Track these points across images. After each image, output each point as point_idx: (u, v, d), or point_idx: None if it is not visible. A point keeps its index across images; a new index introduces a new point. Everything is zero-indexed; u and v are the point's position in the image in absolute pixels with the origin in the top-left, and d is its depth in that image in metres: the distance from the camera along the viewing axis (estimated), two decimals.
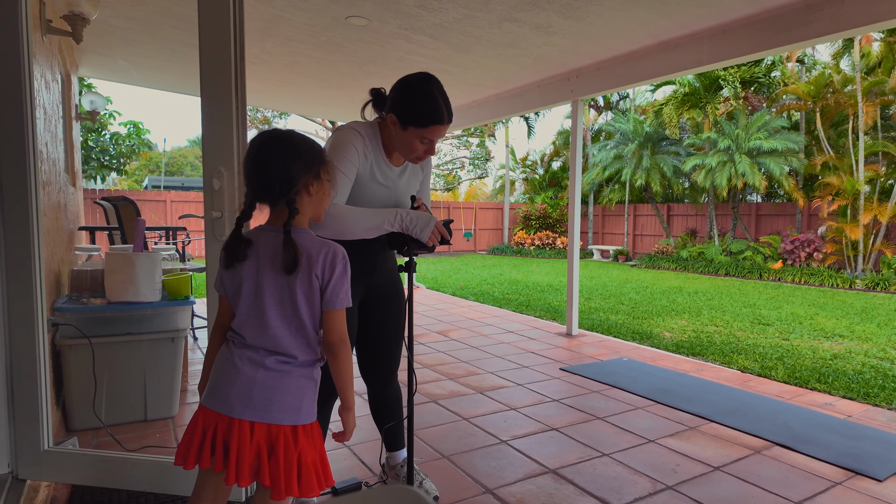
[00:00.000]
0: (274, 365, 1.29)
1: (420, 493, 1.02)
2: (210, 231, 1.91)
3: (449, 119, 1.77)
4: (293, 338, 1.30)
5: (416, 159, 1.85)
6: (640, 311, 7.07)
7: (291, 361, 1.30)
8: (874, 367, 4.43)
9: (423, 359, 4.33)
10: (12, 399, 1.93)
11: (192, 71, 5.49)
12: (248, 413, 1.25)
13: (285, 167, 1.28)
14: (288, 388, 1.28)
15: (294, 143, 1.31)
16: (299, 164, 1.30)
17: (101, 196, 9.78)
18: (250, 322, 1.31)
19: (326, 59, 5.00)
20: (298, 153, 1.30)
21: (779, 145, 12.83)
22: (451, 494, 2.22)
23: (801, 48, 6.83)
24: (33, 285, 1.92)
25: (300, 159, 1.30)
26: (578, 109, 5.35)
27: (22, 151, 1.89)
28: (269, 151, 1.28)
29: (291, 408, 1.28)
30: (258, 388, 1.26)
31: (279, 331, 1.30)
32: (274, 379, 1.28)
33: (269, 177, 1.28)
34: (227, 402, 1.26)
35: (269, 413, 1.26)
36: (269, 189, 1.28)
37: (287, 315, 1.30)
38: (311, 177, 1.32)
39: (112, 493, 2.10)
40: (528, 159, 23.51)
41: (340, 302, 1.30)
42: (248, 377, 1.27)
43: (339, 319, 1.31)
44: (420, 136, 1.76)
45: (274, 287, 1.30)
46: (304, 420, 1.30)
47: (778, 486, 2.35)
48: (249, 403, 1.26)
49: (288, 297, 1.30)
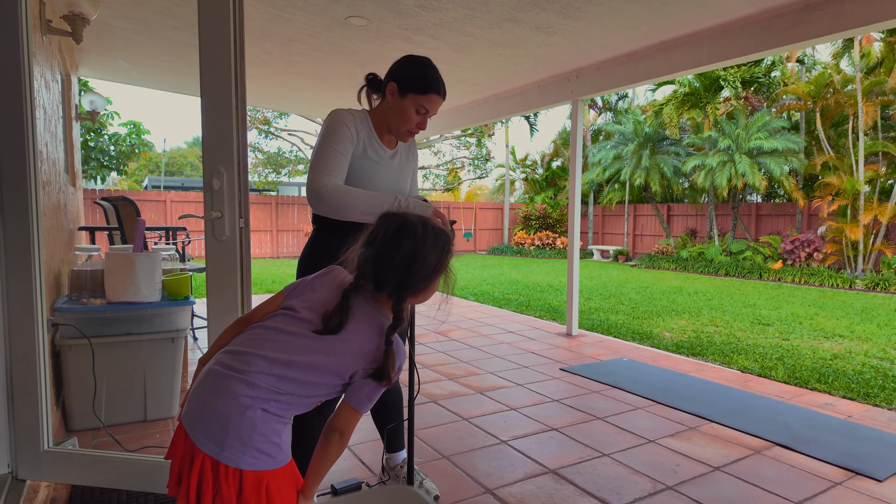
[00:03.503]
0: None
1: (420, 493, 1.02)
2: (210, 231, 1.91)
3: (444, 95, 1.88)
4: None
5: (407, 133, 1.91)
6: (640, 312, 7.07)
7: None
8: (874, 368, 4.43)
9: (423, 359, 4.32)
10: (12, 399, 1.93)
11: (192, 71, 5.49)
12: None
13: (416, 274, 1.18)
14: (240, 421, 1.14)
15: (427, 253, 1.20)
16: (425, 272, 1.20)
17: (101, 196, 9.79)
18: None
19: (326, 59, 5.00)
20: (428, 265, 1.20)
21: (779, 145, 12.83)
22: (452, 494, 2.22)
23: (801, 48, 6.83)
24: (33, 285, 1.92)
25: (430, 270, 1.20)
26: (578, 109, 5.34)
27: (22, 151, 1.88)
28: (416, 251, 1.18)
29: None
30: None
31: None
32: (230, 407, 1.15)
33: (385, 274, 1.18)
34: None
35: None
36: (386, 285, 1.19)
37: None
38: (427, 289, 1.23)
39: (112, 493, 2.10)
40: (528, 159, 23.51)
41: (362, 404, 1.19)
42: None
43: (354, 418, 1.20)
44: (417, 105, 1.84)
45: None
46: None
47: (778, 486, 2.35)
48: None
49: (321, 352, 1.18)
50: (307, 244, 1.97)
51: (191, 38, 4.42)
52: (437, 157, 23.75)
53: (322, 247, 1.90)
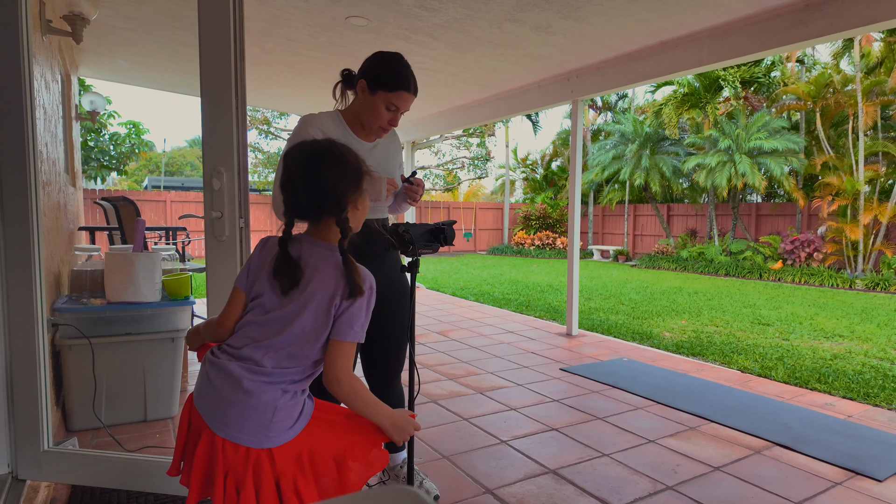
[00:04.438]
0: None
1: (420, 493, 1.02)
2: (210, 231, 1.91)
3: (415, 91, 1.87)
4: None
5: (379, 130, 1.91)
6: (640, 312, 7.07)
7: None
8: (874, 368, 4.43)
9: (423, 359, 4.32)
10: (12, 399, 1.93)
11: (192, 71, 5.49)
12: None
13: (337, 184, 1.19)
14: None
15: (344, 157, 1.22)
16: (349, 181, 1.21)
17: (101, 196, 9.77)
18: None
19: (326, 59, 5.00)
20: (348, 168, 1.21)
21: (779, 145, 12.83)
22: (451, 495, 2.22)
23: (801, 48, 6.84)
24: (33, 285, 1.92)
25: (349, 175, 1.21)
26: (578, 109, 5.34)
27: (22, 151, 1.88)
28: (320, 168, 1.19)
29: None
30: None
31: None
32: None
33: (318, 195, 1.20)
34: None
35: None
36: (320, 208, 1.21)
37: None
38: (358, 193, 1.25)
39: (112, 493, 2.10)
40: (529, 159, 23.51)
41: (351, 334, 1.20)
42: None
43: (348, 353, 1.20)
44: (387, 101, 1.84)
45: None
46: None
47: (778, 486, 2.35)
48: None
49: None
50: None
51: (191, 38, 4.42)
52: (437, 157, 23.75)
53: None
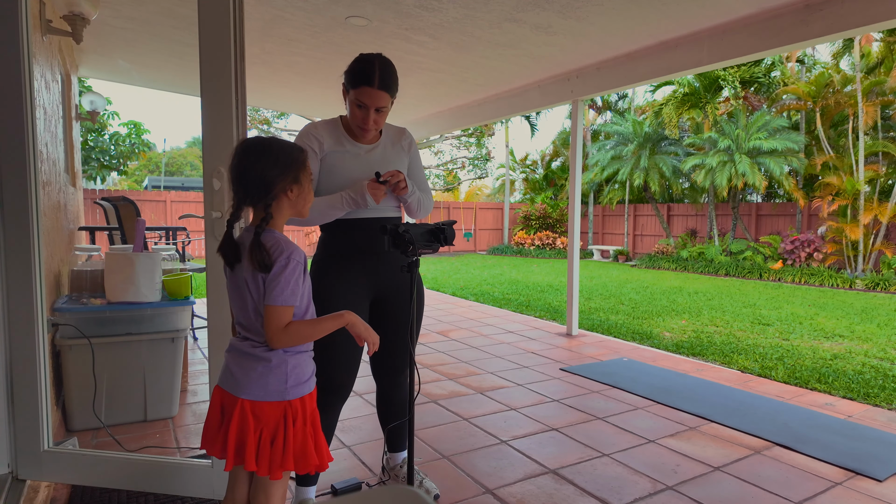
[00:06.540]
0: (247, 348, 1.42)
1: (420, 493, 1.02)
2: (210, 231, 1.91)
3: (379, 86, 1.82)
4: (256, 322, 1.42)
5: (359, 129, 1.94)
6: (640, 312, 7.07)
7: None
8: (874, 368, 4.43)
9: (424, 359, 4.33)
10: (12, 399, 1.93)
11: (192, 71, 5.49)
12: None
13: (263, 174, 1.36)
14: (254, 366, 1.40)
15: (271, 150, 1.38)
16: (276, 171, 1.37)
17: (101, 196, 9.78)
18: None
19: (326, 59, 5.00)
20: (276, 160, 1.38)
21: (779, 145, 12.83)
22: (452, 494, 2.22)
23: (801, 48, 6.84)
24: (33, 285, 1.92)
25: (277, 165, 1.37)
26: (578, 109, 5.34)
27: (22, 151, 1.88)
28: (248, 159, 1.37)
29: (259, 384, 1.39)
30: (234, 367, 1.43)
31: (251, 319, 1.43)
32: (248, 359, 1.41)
33: (247, 183, 1.36)
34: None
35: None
36: (248, 194, 1.37)
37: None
38: (290, 181, 1.39)
39: (112, 493, 2.10)
40: (528, 159, 23.51)
41: (277, 299, 1.34)
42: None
43: (277, 315, 1.34)
44: (356, 99, 1.85)
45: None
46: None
47: (778, 486, 2.35)
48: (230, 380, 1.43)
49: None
50: (318, 247, 2.05)
51: (191, 38, 4.42)
52: (437, 157, 23.75)
53: (329, 246, 1.98)
